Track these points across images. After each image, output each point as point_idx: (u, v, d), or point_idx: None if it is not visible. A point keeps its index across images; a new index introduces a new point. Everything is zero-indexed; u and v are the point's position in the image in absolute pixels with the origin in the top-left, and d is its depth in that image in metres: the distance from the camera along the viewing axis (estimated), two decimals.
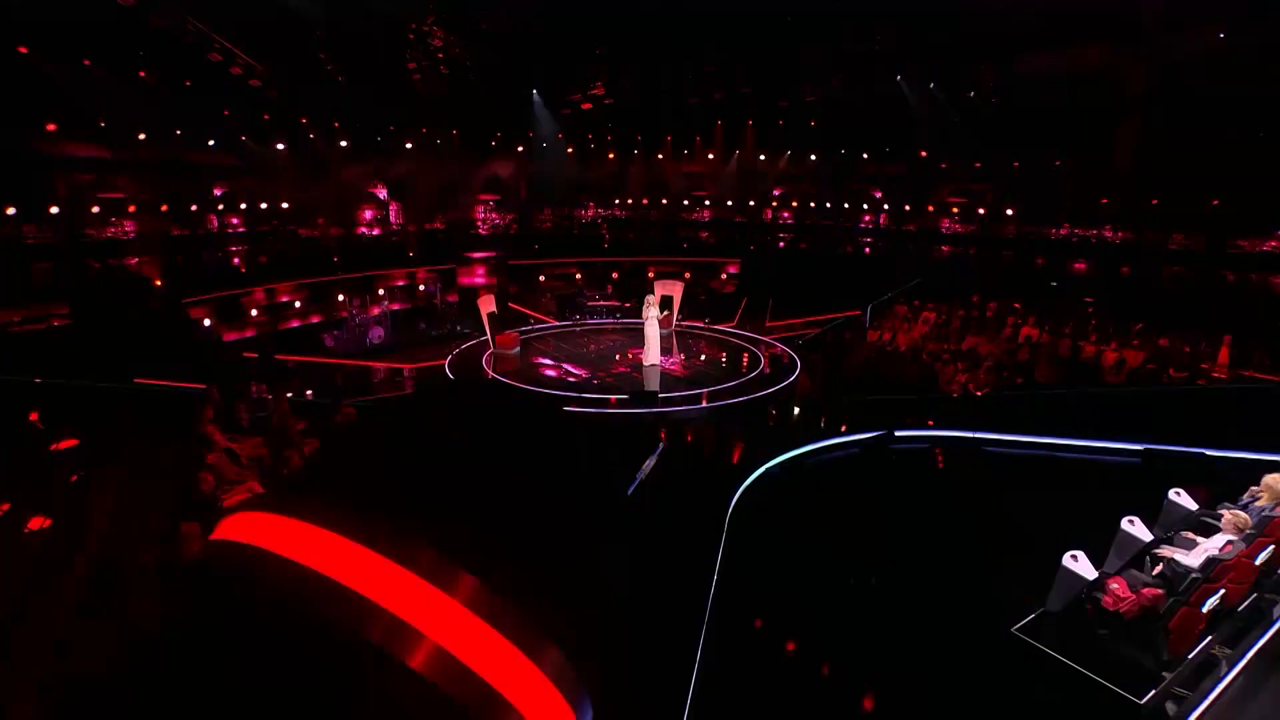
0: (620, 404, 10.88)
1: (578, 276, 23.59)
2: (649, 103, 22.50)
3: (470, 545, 2.36)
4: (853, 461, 8.90)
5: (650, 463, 8.10)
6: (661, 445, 8.81)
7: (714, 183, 26.87)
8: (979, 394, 11.15)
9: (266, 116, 18.08)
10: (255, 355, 13.95)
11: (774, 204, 26.60)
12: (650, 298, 14.16)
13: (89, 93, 15.52)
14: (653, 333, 13.89)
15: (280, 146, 19.50)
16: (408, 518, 2.36)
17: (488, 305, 16.09)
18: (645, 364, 13.76)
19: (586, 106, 22.31)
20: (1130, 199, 17.99)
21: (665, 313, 16.86)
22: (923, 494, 8.08)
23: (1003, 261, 19.99)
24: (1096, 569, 5.48)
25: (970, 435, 9.37)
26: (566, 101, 22.44)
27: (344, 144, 21.00)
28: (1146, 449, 8.56)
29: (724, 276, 23.83)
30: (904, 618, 5.71)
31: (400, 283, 21.21)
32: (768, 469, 8.35)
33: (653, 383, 12.66)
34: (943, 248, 22.02)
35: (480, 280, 21.25)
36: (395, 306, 19.83)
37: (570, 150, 25.75)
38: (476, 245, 23.28)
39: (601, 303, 20.70)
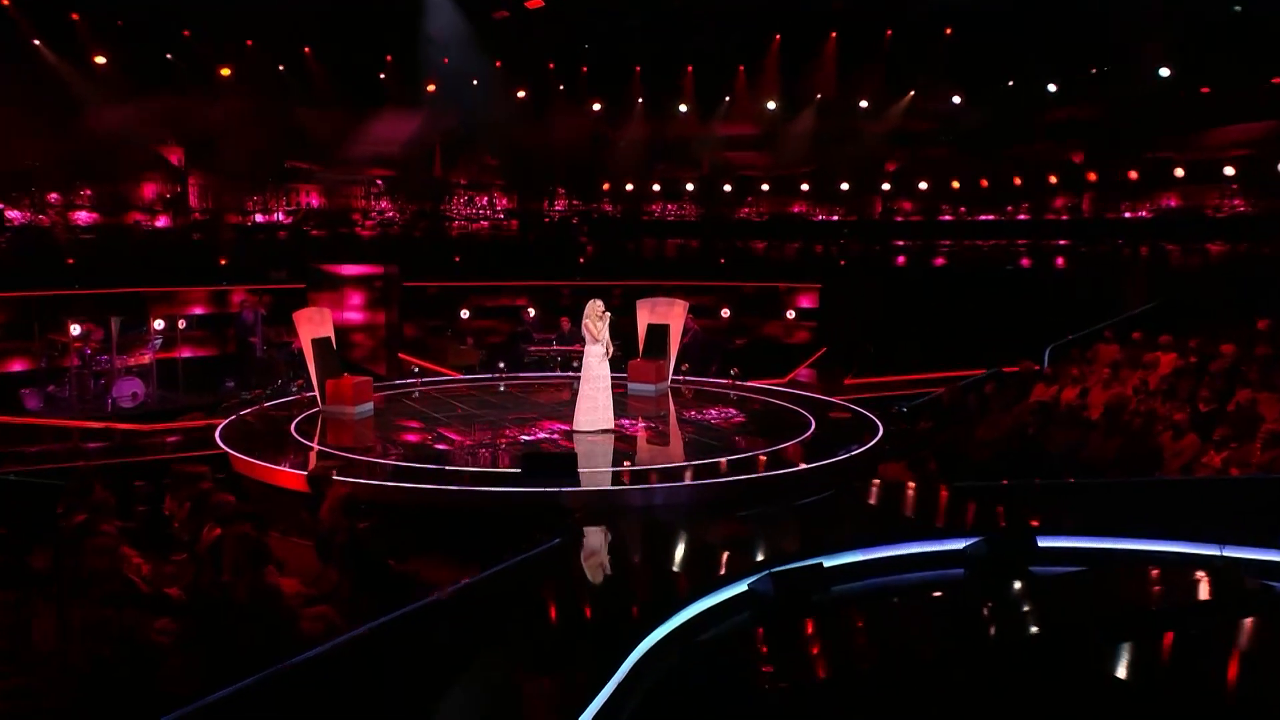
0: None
1: (529, 312, 24.06)
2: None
3: None
4: (950, 590, 9.09)
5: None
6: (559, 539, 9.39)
7: (774, 153, 26.95)
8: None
9: None
10: None
11: (885, 187, 26.55)
12: (596, 304, 13.74)
13: None
14: (602, 371, 13.65)
15: None
16: None
17: (314, 328, 16.02)
18: (583, 427, 13.62)
19: (536, 4, 21.90)
20: None
21: (657, 359, 17.35)
22: (1099, 653, 7.66)
23: None
24: None
25: (1219, 552, 9.42)
26: None
27: (101, 61, 20.95)
28: None
29: (790, 315, 24.30)
30: None
31: (198, 309, 21.73)
32: (754, 585, 8.13)
33: (584, 447, 12.98)
34: (1208, 246, 21.70)
35: (356, 315, 21.61)
36: (183, 352, 19.89)
37: (521, 95, 26.09)
38: (350, 252, 23.71)
39: (556, 348, 21.11)
